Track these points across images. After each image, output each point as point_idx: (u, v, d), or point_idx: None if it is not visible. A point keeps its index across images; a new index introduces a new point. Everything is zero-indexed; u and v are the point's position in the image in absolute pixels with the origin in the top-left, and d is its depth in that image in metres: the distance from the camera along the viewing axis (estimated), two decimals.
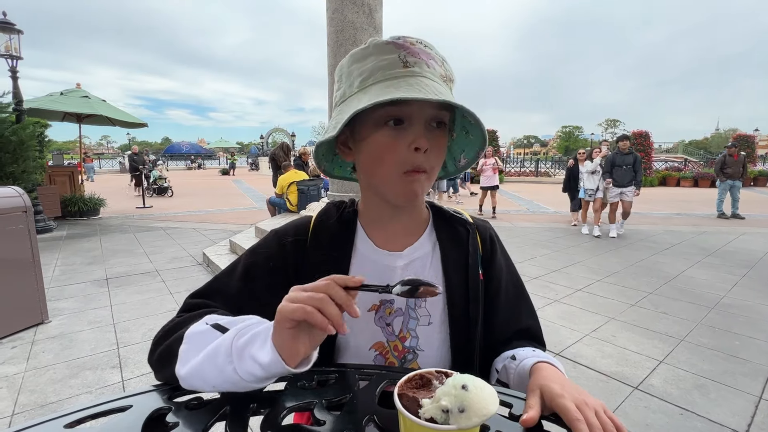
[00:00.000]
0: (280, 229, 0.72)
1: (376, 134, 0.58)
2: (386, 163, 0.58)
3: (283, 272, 0.67)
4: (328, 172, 0.75)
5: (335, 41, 3.84)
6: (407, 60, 0.56)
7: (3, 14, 6.16)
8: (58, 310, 3.23)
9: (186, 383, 0.51)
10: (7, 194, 2.84)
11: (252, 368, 0.47)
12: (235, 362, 0.48)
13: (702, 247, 5.67)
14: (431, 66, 0.58)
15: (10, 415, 1.94)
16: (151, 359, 0.58)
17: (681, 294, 3.74)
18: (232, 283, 0.66)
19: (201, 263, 4.71)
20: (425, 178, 0.60)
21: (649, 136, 17.11)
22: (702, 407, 2.03)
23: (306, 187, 5.83)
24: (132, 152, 15.01)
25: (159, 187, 12.87)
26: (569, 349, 2.67)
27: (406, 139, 0.57)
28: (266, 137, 31.70)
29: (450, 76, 0.61)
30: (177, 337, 0.54)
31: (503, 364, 0.65)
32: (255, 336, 0.49)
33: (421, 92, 0.52)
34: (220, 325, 0.53)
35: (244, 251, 0.72)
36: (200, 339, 0.52)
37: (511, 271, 0.75)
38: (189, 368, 0.50)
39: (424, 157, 0.57)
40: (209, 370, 0.49)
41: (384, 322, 0.66)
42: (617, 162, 6.22)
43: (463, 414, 0.38)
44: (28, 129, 6.23)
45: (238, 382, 0.48)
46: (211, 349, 0.50)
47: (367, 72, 0.57)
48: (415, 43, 0.58)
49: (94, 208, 8.06)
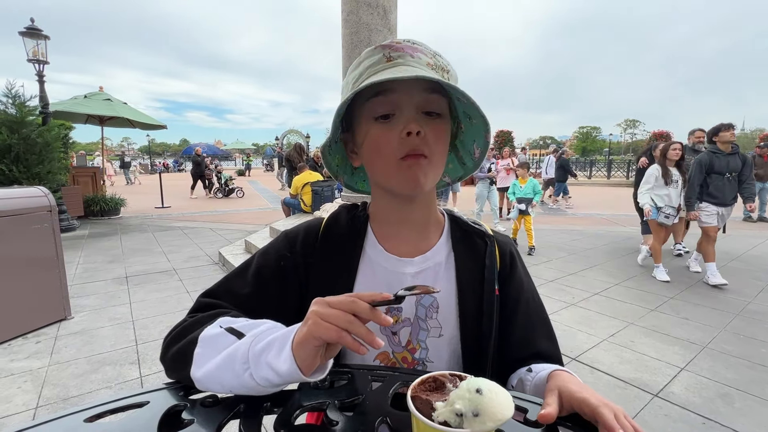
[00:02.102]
0: (290, 230, 0.72)
1: (369, 131, 0.60)
2: (382, 154, 0.59)
3: (293, 273, 0.67)
4: (349, 185, 0.76)
5: (350, 43, 3.85)
6: (391, 55, 0.59)
7: (31, 20, 6.40)
8: (80, 306, 3.33)
9: (201, 385, 0.52)
10: (33, 194, 2.95)
11: (268, 375, 0.48)
12: (252, 368, 0.48)
13: (725, 251, 5.48)
14: (416, 56, 0.59)
15: (34, 408, 2.00)
16: (164, 358, 0.59)
17: (703, 299, 3.62)
18: (244, 283, 0.66)
19: (217, 263, 4.79)
20: (426, 162, 0.59)
21: (671, 137, 16.67)
22: (726, 417, 1.96)
23: (320, 188, 5.87)
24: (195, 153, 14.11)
25: (230, 188, 12.84)
26: (586, 354, 2.62)
27: (397, 128, 0.57)
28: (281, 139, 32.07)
29: (443, 66, 0.61)
30: (191, 339, 0.55)
31: (519, 378, 0.63)
32: (271, 343, 0.49)
33: (396, 74, 0.53)
34: (234, 329, 0.53)
35: (255, 252, 0.73)
36: (214, 343, 0.52)
37: (531, 290, 0.71)
38: (205, 372, 0.51)
39: (419, 141, 0.57)
40: (226, 375, 0.50)
41: (389, 330, 0.65)
42: (717, 167, 3.92)
43: (477, 418, 0.37)
44: (53, 131, 6.45)
45: (254, 387, 0.49)
46: (227, 355, 0.50)
47: (356, 75, 0.61)
48: (401, 41, 0.60)
49: (115, 207, 8.30)
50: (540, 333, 0.68)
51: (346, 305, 0.46)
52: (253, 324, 0.54)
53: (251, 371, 0.48)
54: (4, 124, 5.86)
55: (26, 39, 6.36)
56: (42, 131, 6.19)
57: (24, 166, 5.97)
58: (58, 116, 7.95)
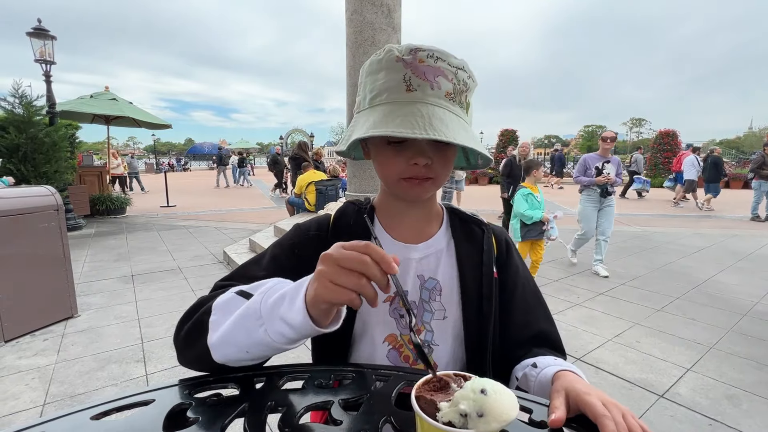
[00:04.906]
0: (302, 223, 0.75)
1: (380, 149, 0.63)
2: (389, 172, 0.63)
3: (308, 260, 0.68)
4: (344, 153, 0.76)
5: (354, 42, 3.85)
6: (411, 83, 0.57)
7: (38, 21, 6.45)
8: (86, 304, 3.36)
9: (218, 352, 0.52)
10: (40, 193, 2.97)
11: (282, 329, 0.48)
12: (266, 323, 0.49)
13: (733, 250, 5.43)
14: (436, 86, 0.58)
15: (41, 405, 2.03)
16: (177, 337, 0.59)
17: (710, 300, 3.59)
18: (259, 268, 0.68)
19: (221, 261, 4.81)
20: (430, 183, 0.63)
21: (677, 136, 16.50)
22: (733, 418, 1.94)
23: (324, 187, 5.89)
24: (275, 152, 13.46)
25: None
26: (591, 354, 2.60)
27: (406, 155, 0.60)
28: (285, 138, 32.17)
29: (462, 84, 0.60)
30: (205, 310, 0.56)
31: (523, 372, 0.64)
32: (283, 296, 0.49)
33: (413, 127, 0.53)
34: (245, 291, 0.54)
35: (266, 247, 0.75)
36: (227, 306, 0.53)
37: (527, 275, 0.76)
38: (219, 335, 0.51)
39: (425, 169, 0.60)
40: (239, 334, 0.50)
41: (398, 313, 0.68)
42: None
43: (482, 419, 0.37)
44: (60, 131, 6.52)
45: (269, 344, 0.49)
46: (239, 314, 0.51)
47: (376, 90, 0.60)
48: (425, 59, 0.58)
49: (120, 206, 8.36)
50: (538, 314, 0.72)
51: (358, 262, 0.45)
52: (260, 283, 0.54)
53: (265, 326, 0.48)
54: (12, 123, 5.92)
55: (33, 39, 6.41)
56: (49, 131, 6.25)
57: (32, 166, 6.04)
58: (65, 116, 8.02)
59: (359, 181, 4.22)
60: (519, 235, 3.79)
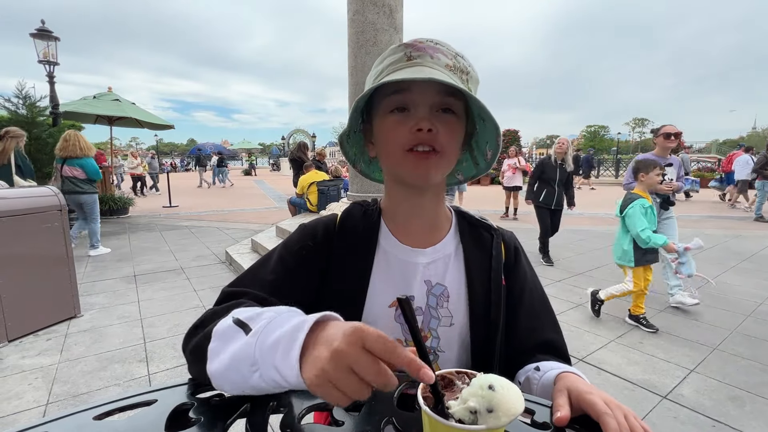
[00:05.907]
0: (308, 223, 0.75)
1: (384, 122, 0.63)
2: (392, 144, 0.62)
3: (316, 259, 0.69)
4: (366, 174, 0.79)
5: (356, 42, 3.86)
6: (411, 55, 0.62)
7: (41, 22, 6.48)
8: (89, 304, 3.37)
9: (216, 383, 0.50)
10: (44, 194, 2.99)
11: (276, 377, 0.44)
12: (261, 369, 0.45)
13: (736, 251, 5.41)
14: (436, 57, 0.61)
15: (44, 404, 2.03)
16: (185, 351, 0.58)
17: (714, 300, 3.58)
18: (268, 271, 0.68)
19: (224, 262, 4.82)
20: (438, 157, 0.60)
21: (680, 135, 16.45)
22: (736, 420, 1.93)
23: (326, 188, 5.89)
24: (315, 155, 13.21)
25: None
26: (593, 355, 2.59)
27: (409, 123, 0.60)
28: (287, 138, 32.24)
29: (463, 68, 0.63)
30: (206, 333, 0.54)
31: (526, 376, 0.64)
32: (276, 344, 0.44)
33: (413, 75, 0.56)
34: (241, 320, 0.50)
35: (269, 249, 0.75)
36: (224, 336, 0.51)
37: (535, 282, 0.74)
38: (216, 368, 0.49)
39: (429, 136, 0.59)
40: (235, 376, 0.47)
41: (402, 319, 0.67)
42: None
43: (491, 414, 0.38)
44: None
45: (266, 389, 0.46)
46: (234, 354, 0.47)
47: (379, 71, 0.65)
48: (424, 41, 0.63)
49: (123, 207, 8.38)
50: (545, 323, 0.71)
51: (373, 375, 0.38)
52: (258, 313, 0.50)
53: (260, 372, 0.45)
54: (15, 124, 5.94)
55: (37, 40, 6.45)
56: (53, 132, 6.28)
57: (35, 166, 6.05)
58: (68, 117, 8.05)
59: (361, 181, 4.22)
60: (632, 259, 2.93)
